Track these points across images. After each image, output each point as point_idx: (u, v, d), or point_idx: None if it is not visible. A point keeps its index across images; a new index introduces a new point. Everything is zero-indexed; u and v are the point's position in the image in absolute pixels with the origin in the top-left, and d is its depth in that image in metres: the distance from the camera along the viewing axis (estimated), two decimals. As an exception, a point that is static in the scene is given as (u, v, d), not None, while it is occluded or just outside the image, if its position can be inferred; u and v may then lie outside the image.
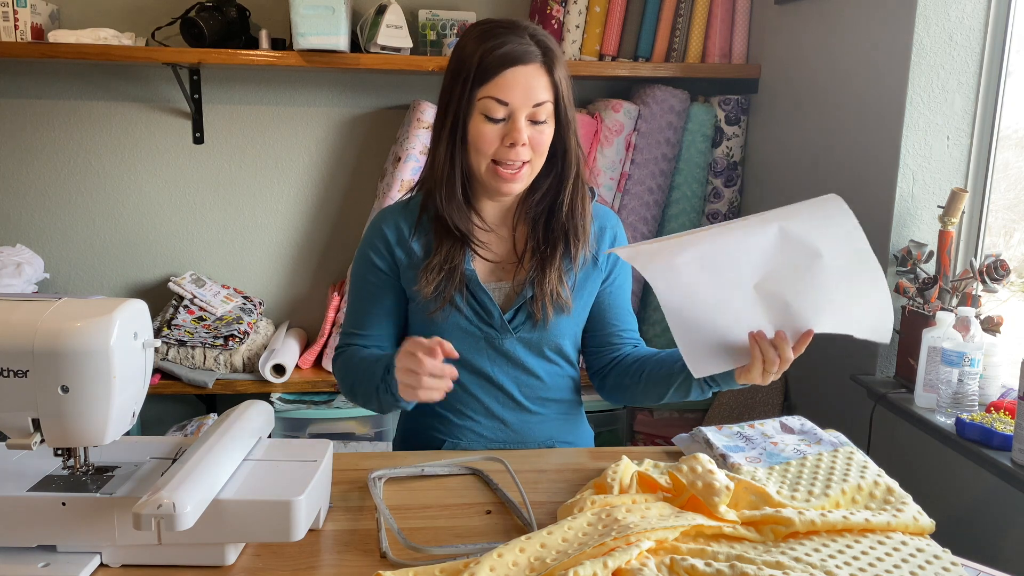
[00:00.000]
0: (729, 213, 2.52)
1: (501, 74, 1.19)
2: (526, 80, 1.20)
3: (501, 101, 1.20)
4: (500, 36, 1.21)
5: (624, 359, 1.38)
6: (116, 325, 0.90)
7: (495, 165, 1.23)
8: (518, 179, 1.24)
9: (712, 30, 2.44)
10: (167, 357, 2.34)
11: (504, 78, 1.19)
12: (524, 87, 1.20)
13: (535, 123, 1.22)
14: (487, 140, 1.22)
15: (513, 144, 1.21)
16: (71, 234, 2.56)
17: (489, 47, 1.20)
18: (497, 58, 1.19)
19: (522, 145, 1.21)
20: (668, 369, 1.28)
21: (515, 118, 1.21)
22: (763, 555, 0.93)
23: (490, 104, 1.20)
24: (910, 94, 1.77)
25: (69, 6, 2.41)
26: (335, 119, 2.60)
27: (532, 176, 1.27)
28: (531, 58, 1.20)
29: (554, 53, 1.23)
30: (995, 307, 1.70)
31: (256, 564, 0.96)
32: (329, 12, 2.17)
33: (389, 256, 1.34)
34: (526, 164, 1.24)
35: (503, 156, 1.22)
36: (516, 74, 1.19)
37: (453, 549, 0.99)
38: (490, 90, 1.20)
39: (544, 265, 1.30)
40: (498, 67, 1.19)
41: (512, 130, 1.21)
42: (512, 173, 1.23)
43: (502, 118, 1.21)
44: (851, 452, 1.17)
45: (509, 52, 1.19)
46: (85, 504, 0.92)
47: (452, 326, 1.31)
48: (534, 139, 1.22)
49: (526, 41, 1.21)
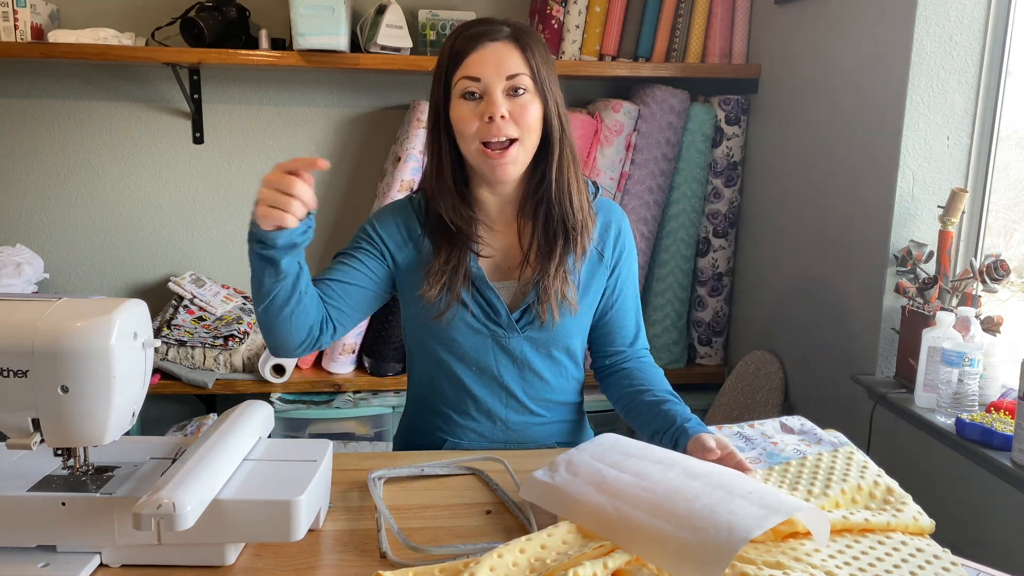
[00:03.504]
0: (729, 213, 2.52)
1: (471, 52, 1.21)
2: (495, 56, 1.21)
3: (473, 78, 1.21)
4: (472, 26, 1.24)
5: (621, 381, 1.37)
6: (116, 325, 0.90)
7: (483, 147, 1.23)
8: (507, 158, 1.23)
9: (712, 30, 2.44)
10: (167, 357, 2.34)
11: (474, 55, 1.21)
12: (495, 61, 1.21)
13: (514, 96, 1.22)
14: (466, 120, 1.22)
15: (491, 118, 1.20)
16: (71, 234, 2.56)
17: (457, 34, 1.24)
18: (466, 39, 1.22)
19: (501, 118, 1.20)
20: (650, 431, 1.26)
21: (490, 92, 1.21)
22: (763, 555, 0.93)
23: (465, 83, 1.21)
24: (910, 94, 1.77)
25: (69, 6, 2.41)
26: (335, 119, 2.60)
27: (526, 157, 1.25)
28: (500, 35, 1.22)
29: (526, 33, 1.24)
30: (995, 307, 1.70)
31: (256, 564, 0.96)
32: (329, 12, 2.17)
33: (392, 243, 1.33)
34: (515, 143, 1.22)
35: (486, 134, 1.21)
36: (485, 50, 1.21)
37: (453, 549, 0.99)
38: (463, 70, 1.22)
39: (548, 264, 1.29)
40: (468, 47, 1.21)
41: (488, 103, 1.21)
42: (500, 152, 1.22)
43: (479, 96, 1.22)
44: (851, 452, 1.17)
45: (476, 32, 1.22)
46: (85, 504, 0.92)
47: (459, 324, 1.31)
48: (515, 113, 1.21)
49: (496, 26, 1.24)
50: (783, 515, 0.88)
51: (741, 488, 0.93)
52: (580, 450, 1.10)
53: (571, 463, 1.06)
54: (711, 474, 0.98)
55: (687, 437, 1.16)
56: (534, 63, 1.23)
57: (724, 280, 2.58)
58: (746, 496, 0.91)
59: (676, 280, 2.57)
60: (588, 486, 1.00)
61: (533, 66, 1.22)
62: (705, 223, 2.56)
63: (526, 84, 1.22)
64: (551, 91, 1.25)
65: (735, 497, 0.91)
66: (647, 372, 1.37)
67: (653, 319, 2.56)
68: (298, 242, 1.12)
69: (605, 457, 1.06)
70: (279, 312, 1.17)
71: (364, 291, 1.31)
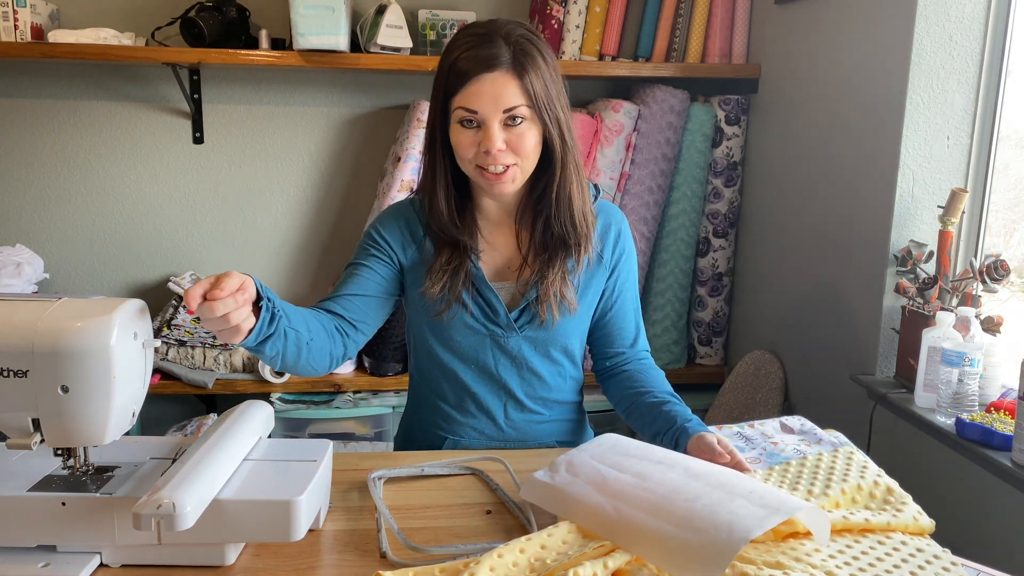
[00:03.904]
0: (729, 213, 2.52)
1: (468, 83, 1.19)
2: (493, 88, 1.19)
3: (470, 110, 1.20)
4: (469, 45, 1.20)
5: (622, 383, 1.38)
6: (116, 325, 0.90)
7: (480, 169, 1.23)
8: (504, 181, 1.23)
9: (712, 30, 2.44)
10: (167, 357, 2.34)
11: (471, 87, 1.19)
12: (491, 95, 1.19)
13: (512, 126, 1.21)
14: (464, 146, 1.22)
15: (488, 152, 1.20)
16: (71, 234, 2.56)
17: (456, 56, 1.20)
18: (462, 68, 1.19)
19: (498, 151, 1.20)
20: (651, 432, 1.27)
21: (487, 125, 1.20)
22: (763, 555, 0.93)
23: (462, 113, 1.21)
24: (910, 94, 1.77)
25: (69, 6, 2.41)
26: (335, 119, 2.60)
27: (524, 176, 1.26)
28: (498, 64, 1.19)
29: (526, 55, 1.20)
30: (995, 307, 1.70)
31: (256, 564, 0.96)
32: (329, 12, 2.17)
33: (398, 246, 1.34)
34: (512, 167, 1.23)
35: (483, 162, 1.22)
36: (482, 83, 1.19)
37: (453, 549, 0.99)
38: (460, 100, 1.20)
39: (547, 265, 1.30)
40: (465, 76, 1.19)
41: (484, 138, 1.20)
42: (496, 176, 1.23)
43: (476, 125, 1.21)
44: (851, 452, 1.17)
45: (474, 59, 1.19)
46: (85, 504, 0.92)
47: (458, 324, 1.31)
48: (513, 143, 1.21)
49: (497, 46, 1.19)
50: (784, 515, 0.88)
51: (741, 488, 0.94)
52: (580, 450, 1.10)
53: (571, 464, 1.06)
54: (711, 474, 0.99)
55: (687, 437, 1.16)
56: (532, 91, 1.20)
57: (724, 280, 2.58)
58: (747, 496, 0.91)
59: (676, 280, 2.57)
60: (588, 487, 1.00)
61: (531, 94, 1.20)
62: (705, 223, 2.56)
63: (523, 113, 1.21)
64: (551, 112, 1.23)
65: (735, 497, 0.91)
66: (648, 374, 1.38)
67: (653, 319, 2.56)
68: (270, 333, 1.08)
69: (605, 457, 1.06)
70: (293, 364, 1.18)
71: (380, 299, 1.33)
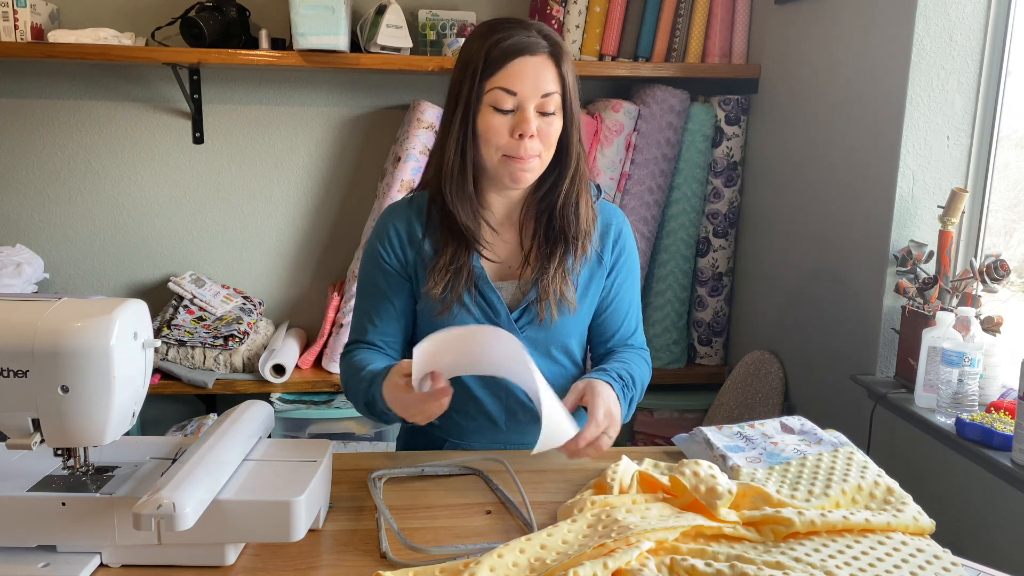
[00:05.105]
0: (729, 213, 2.52)
1: (509, 64, 1.20)
2: (535, 70, 1.20)
3: (510, 91, 1.20)
4: (507, 30, 1.22)
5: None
6: (116, 325, 0.90)
7: (506, 157, 1.24)
8: (528, 169, 1.24)
9: (712, 30, 2.44)
10: (167, 357, 2.34)
11: (512, 68, 1.20)
12: (533, 77, 1.20)
13: (543, 115, 1.22)
14: (496, 132, 1.22)
15: (522, 135, 1.21)
16: (71, 234, 2.56)
17: (496, 39, 1.21)
18: (505, 49, 1.20)
19: (531, 137, 1.21)
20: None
21: (524, 108, 1.21)
22: (763, 555, 0.93)
23: (499, 95, 1.21)
24: (910, 94, 1.77)
25: (69, 6, 2.41)
26: (335, 119, 2.60)
27: (542, 168, 1.27)
28: (539, 49, 1.21)
29: (561, 47, 1.24)
30: (995, 307, 1.70)
31: (256, 564, 0.96)
32: (329, 12, 2.17)
33: (400, 253, 1.33)
34: (536, 157, 1.24)
35: (513, 149, 1.22)
36: (524, 64, 1.20)
37: (453, 549, 0.99)
38: (499, 80, 1.20)
39: (547, 264, 1.30)
40: (506, 57, 1.20)
41: (521, 121, 1.21)
42: (522, 163, 1.23)
43: (511, 109, 1.21)
44: (851, 452, 1.17)
45: (517, 43, 1.20)
46: (85, 504, 0.92)
47: (459, 324, 1.31)
48: (542, 131, 1.23)
49: (533, 35, 1.22)
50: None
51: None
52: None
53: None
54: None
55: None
56: (567, 81, 1.23)
57: (724, 280, 2.58)
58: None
59: (676, 280, 2.57)
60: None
61: (566, 85, 1.23)
62: (705, 223, 2.56)
63: (557, 103, 1.23)
64: (574, 107, 1.26)
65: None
66: (628, 354, 1.38)
67: (653, 319, 2.56)
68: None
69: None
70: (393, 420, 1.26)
71: (408, 316, 1.37)
